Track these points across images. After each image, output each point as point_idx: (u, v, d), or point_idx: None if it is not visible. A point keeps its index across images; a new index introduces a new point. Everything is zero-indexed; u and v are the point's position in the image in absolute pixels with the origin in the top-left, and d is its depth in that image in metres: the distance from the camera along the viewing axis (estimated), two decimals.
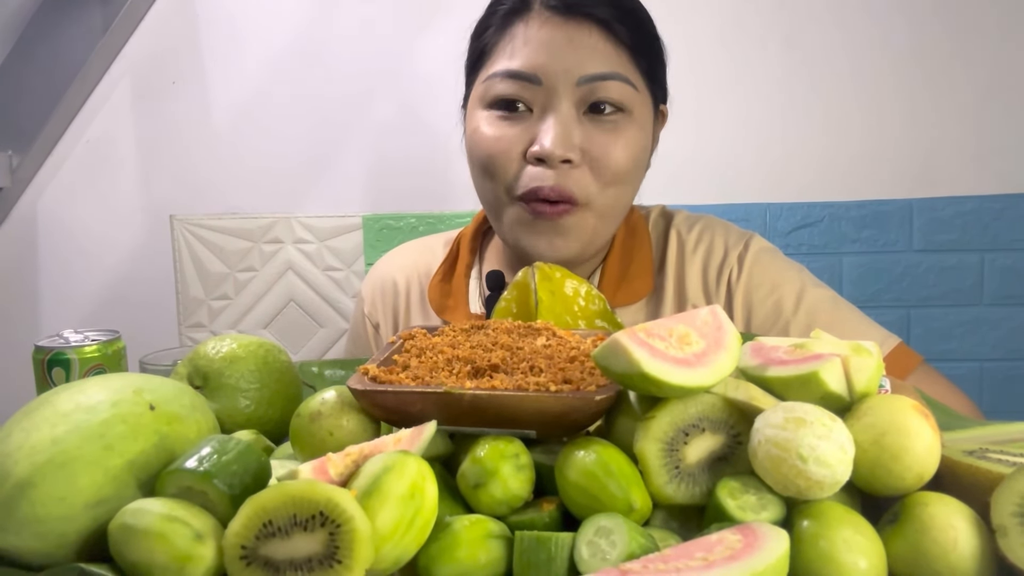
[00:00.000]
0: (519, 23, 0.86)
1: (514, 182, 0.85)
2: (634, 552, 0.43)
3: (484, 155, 0.87)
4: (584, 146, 0.84)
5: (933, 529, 0.44)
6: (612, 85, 0.84)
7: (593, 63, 0.84)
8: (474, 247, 1.01)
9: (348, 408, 0.53)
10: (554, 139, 0.82)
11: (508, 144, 0.85)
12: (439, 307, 0.97)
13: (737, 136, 1.47)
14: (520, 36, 0.85)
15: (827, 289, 0.93)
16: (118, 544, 0.44)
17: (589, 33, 0.84)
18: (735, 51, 1.45)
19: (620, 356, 0.46)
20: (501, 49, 0.87)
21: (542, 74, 0.83)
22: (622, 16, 0.85)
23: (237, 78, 1.49)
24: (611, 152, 0.84)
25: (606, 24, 0.84)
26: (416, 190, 1.51)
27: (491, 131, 0.86)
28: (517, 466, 0.48)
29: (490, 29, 0.89)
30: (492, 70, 0.86)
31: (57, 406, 0.49)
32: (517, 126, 0.85)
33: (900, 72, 1.44)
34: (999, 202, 1.44)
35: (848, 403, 0.48)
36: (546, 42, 0.84)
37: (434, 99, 1.48)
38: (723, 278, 0.93)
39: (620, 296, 0.92)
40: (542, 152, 0.82)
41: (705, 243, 0.95)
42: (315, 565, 0.41)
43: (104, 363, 0.77)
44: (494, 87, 0.86)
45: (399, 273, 1.03)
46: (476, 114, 0.88)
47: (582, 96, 0.84)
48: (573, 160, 0.83)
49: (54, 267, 1.54)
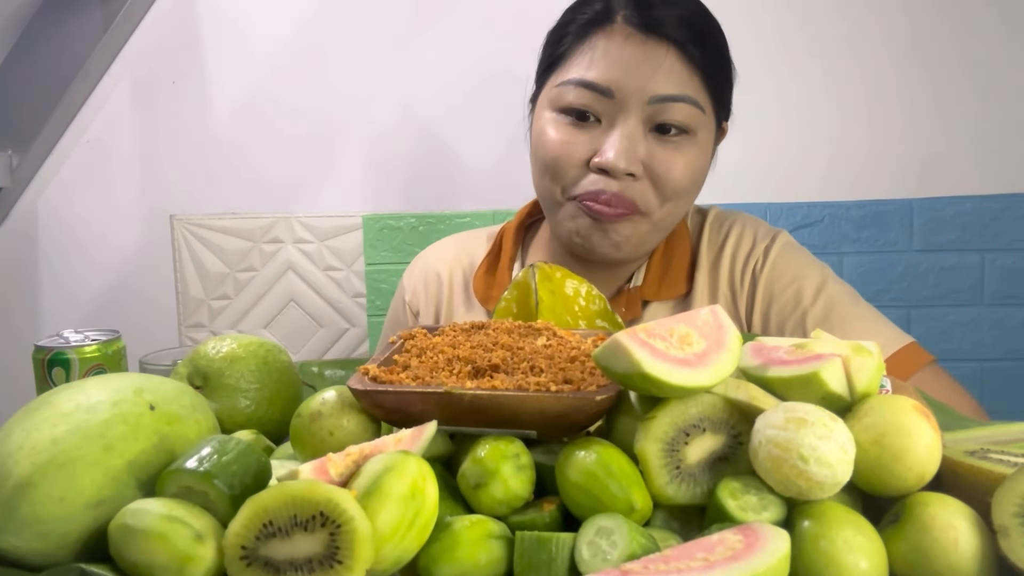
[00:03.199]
0: (600, 34, 0.88)
1: (574, 185, 0.88)
2: (635, 552, 0.43)
3: (548, 157, 0.89)
4: (647, 161, 0.86)
5: (934, 529, 0.44)
6: (681, 107, 0.86)
7: (666, 84, 0.86)
8: (517, 239, 1.04)
9: (348, 408, 0.53)
10: (619, 152, 0.85)
11: (573, 150, 0.87)
12: (484, 297, 0.99)
13: (737, 136, 1.46)
14: (600, 47, 0.87)
15: (847, 286, 0.95)
16: (118, 544, 0.44)
17: (666, 53, 0.86)
18: (735, 51, 1.45)
19: (621, 356, 0.46)
20: (579, 57, 0.88)
21: (616, 88, 0.85)
22: (697, 38, 0.88)
23: (237, 78, 1.49)
24: (672, 170, 0.87)
25: (682, 46, 0.86)
26: (416, 190, 1.51)
27: (558, 135, 0.88)
28: (518, 466, 0.48)
29: (569, 36, 0.90)
30: (567, 76, 0.88)
31: (57, 406, 0.49)
32: (584, 134, 0.87)
33: (900, 72, 1.44)
34: (999, 202, 1.44)
35: (849, 403, 0.48)
36: (624, 57, 0.86)
37: (435, 99, 1.47)
38: (748, 268, 0.95)
39: (663, 290, 0.95)
40: (606, 163, 0.85)
41: (735, 237, 0.97)
42: (315, 565, 0.41)
43: (104, 363, 0.77)
44: (567, 94, 0.88)
45: (442, 265, 1.06)
46: (544, 115, 0.91)
47: (650, 114, 0.86)
48: (636, 174, 0.86)
49: (54, 267, 1.54)
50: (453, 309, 1.04)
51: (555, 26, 0.93)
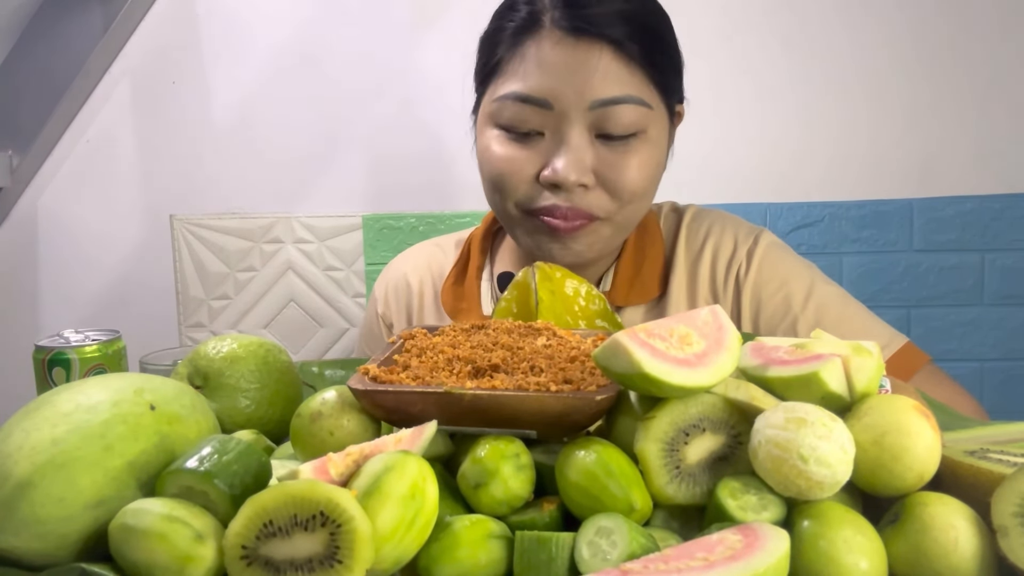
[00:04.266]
0: (530, 42, 0.83)
1: (528, 201, 0.85)
2: (635, 552, 0.43)
3: (496, 174, 0.86)
4: (598, 169, 0.83)
5: (934, 529, 0.44)
6: (625, 109, 0.82)
7: (605, 87, 0.81)
8: (484, 248, 1.01)
9: (349, 408, 0.53)
10: (567, 165, 0.81)
11: (520, 166, 0.84)
12: (452, 310, 0.97)
13: (737, 136, 1.47)
14: (532, 57, 0.83)
15: (836, 286, 0.93)
16: (118, 544, 0.44)
17: (600, 54, 0.81)
18: (735, 51, 1.45)
19: (621, 356, 0.46)
20: (512, 69, 0.84)
21: (552, 99, 0.82)
22: (635, 33, 0.82)
23: (237, 78, 1.49)
24: (625, 174, 0.83)
25: (618, 44, 0.81)
26: (416, 190, 1.51)
27: (502, 151, 0.85)
28: (517, 466, 0.48)
29: (501, 45, 0.86)
30: (503, 91, 0.84)
31: (57, 406, 0.49)
32: (528, 148, 0.84)
33: (900, 72, 1.44)
34: (999, 202, 1.44)
35: (848, 403, 0.48)
36: (557, 64, 0.81)
37: (435, 98, 1.47)
38: (731, 273, 0.92)
39: (633, 295, 0.92)
40: (556, 178, 0.82)
41: (714, 238, 0.94)
42: (316, 565, 0.41)
43: (104, 363, 0.77)
44: (505, 110, 0.84)
45: (412, 274, 1.04)
46: (487, 132, 0.87)
47: (594, 120, 0.82)
48: (587, 184, 0.83)
49: (54, 267, 1.54)
50: (424, 318, 1.02)
51: (485, 33, 0.89)
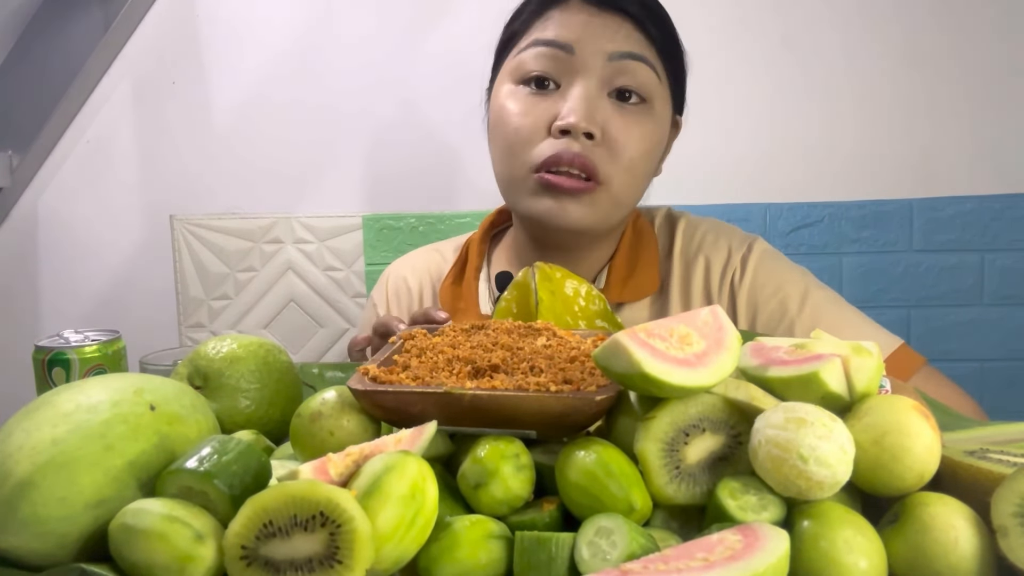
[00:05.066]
0: (555, 9, 0.89)
1: (538, 156, 0.87)
2: (635, 552, 0.43)
3: (510, 128, 0.88)
4: (605, 126, 0.86)
5: (934, 529, 0.44)
6: (640, 68, 0.87)
7: (626, 44, 0.87)
8: (482, 250, 1.02)
9: (348, 408, 0.53)
10: (578, 112, 0.85)
11: (534, 119, 0.87)
12: (451, 310, 0.97)
13: (737, 136, 1.47)
14: (555, 19, 0.89)
15: (831, 290, 0.94)
16: (119, 544, 0.44)
17: (622, 23, 0.88)
18: (735, 51, 1.45)
19: (621, 356, 0.46)
20: (534, 28, 0.90)
21: (576, 44, 0.86)
22: (654, 18, 0.89)
23: (237, 78, 1.49)
24: (629, 137, 0.87)
25: (638, 20, 0.88)
26: (416, 190, 1.51)
27: (518, 106, 0.88)
28: (517, 466, 0.48)
29: (524, 15, 0.92)
30: (525, 43, 0.89)
31: (58, 406, 0.49)
32: (544, 101, 0.88)
33: (900, 72, 1.44)
34: (999, 202, 1.44)
35: (848, 403, 0.48)
36: (582, 22, 0.87)
37: (435, 99, 1.47)
38: (726, 280, 0.93)
39: (627, 292, 0.93)
40: (566, 124, 0.85)
41: (708, 245, 0.96)
42: (315, 565, 0.41)
43: (104, 363, 0.77)
44: (526, 61, 0.89)
45: (411, 277, 1.05)
46: (503, 90, 0.91)
47: (610, 74, 0.87)
48: (594, 135, 0.85)
49: (54, 267, 1.54)
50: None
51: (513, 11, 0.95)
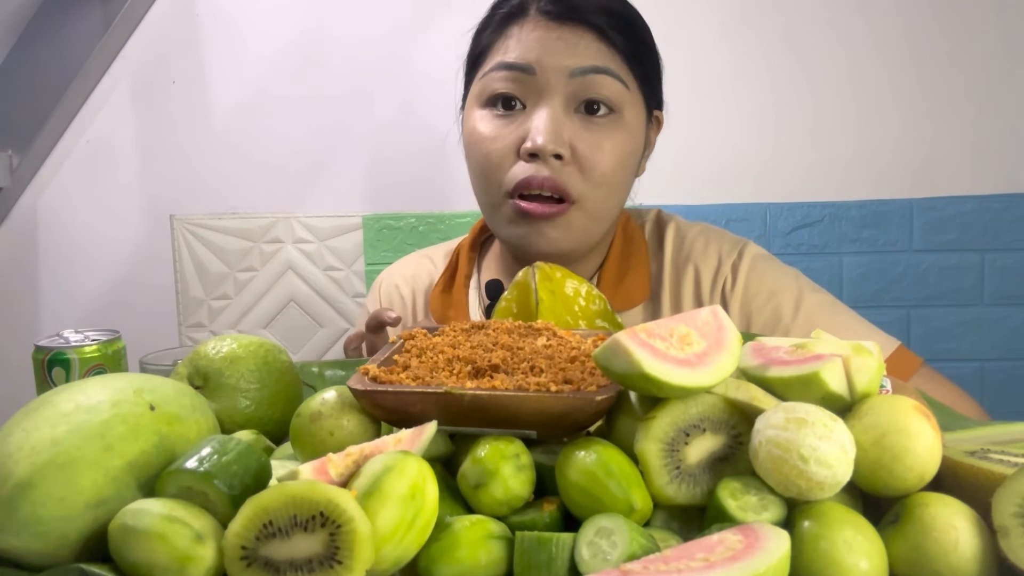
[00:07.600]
0: (514, 26, 0.88)
1: (509, 180, 0.87)
2: (635, 553, 0.43)
3: (480, 154, 0.88)
4: (573, 143, 0.85)
5: (934, 530, 0.44)
6: (604, 80, 0.86)
7: (586, 57, 0.85)
8: (472, 257, 1.02)
9: (348, 408, 0.53)
10: (545, 134, 0.84)
11: (503, 143, 0.87)
12: (440, 318, 0.98)
13: (737, 136, 1.47)
14: (515, 36, 0.88)
15: (825, 293, 0.93)
16: (118, 544, 0.44)
17: (582, 35, 0.86)
18: (735, 50, 1.45)
19: (621, 356, 0.46)
20: (497, 49, 0.89)
21: (536, 65, 0.85)
22: (617, 24, 0.87)
23: (237, 78, 1.49)
24: (600, 152, 0.86)
25: (600, 30, 0.86)
26: (416, 190, 1.51)
27: (487, 130, 0.88)
28: (518, 466, 0.48)
29: (487, 31, 0.91)
30: (488, 66, 0.89)
31: (57, 406, 0.49)
32: (511, 123, 0.87)
33: (900, 72, 1.44)
34: (999, 202, 1.44)
35: (849, 403, 0.48)
36: (540, 39, 0.86)
37: (434, 98, 1.47)
38: (717, 288, 0.93)
39: (617, 301, 0.92)
40: (533, 147, 0.84)
41: (698, 252, 0.95)
42: (315, 566, 0.41)
43: (104, 363, 0.77)
44: (490, 84, 0.88)
45: (403, 285, 1.05)
46: (473, 114, 0.91)
47: (574, 91, 0.86)
48: (563, 155, 0.85)
49: (54, 267, 1.54)
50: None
51: (476, 28, 0.94)
